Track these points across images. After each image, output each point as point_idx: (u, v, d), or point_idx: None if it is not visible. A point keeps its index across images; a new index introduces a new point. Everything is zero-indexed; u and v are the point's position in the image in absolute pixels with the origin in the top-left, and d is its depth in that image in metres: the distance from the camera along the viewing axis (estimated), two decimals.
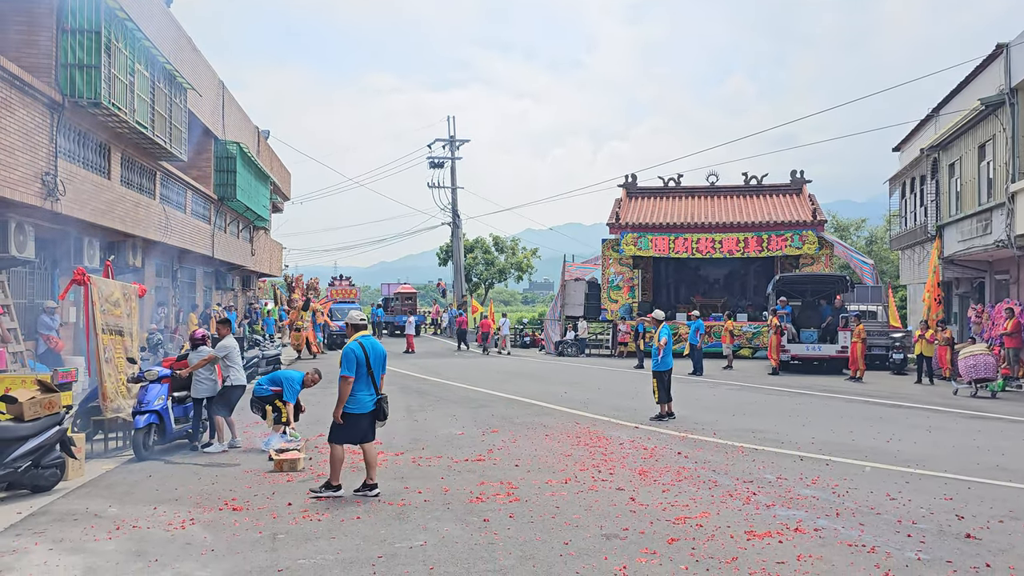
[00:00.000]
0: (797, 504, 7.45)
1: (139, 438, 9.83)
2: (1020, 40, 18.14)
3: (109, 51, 14.53)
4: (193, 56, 22.26)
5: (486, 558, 5.86)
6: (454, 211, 45.84)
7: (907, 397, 16.61)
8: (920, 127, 28.54)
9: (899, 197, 31.09)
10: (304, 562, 5.81)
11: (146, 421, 9.90)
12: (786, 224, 29.73)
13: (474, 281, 54.83)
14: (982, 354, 16.99)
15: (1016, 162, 18.50)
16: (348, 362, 7.75)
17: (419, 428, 12.28)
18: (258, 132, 32.22)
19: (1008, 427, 12.56)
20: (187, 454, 10.30)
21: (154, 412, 10.01)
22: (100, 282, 11.16)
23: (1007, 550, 6.03)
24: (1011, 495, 7.85)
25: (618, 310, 31.02)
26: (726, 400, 16.11)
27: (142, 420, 9.87)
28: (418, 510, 7.25)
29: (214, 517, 7.10)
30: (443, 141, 45.53)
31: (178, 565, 5.78)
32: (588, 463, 9.41)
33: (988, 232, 19.94)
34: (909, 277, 30.23)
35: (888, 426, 12.45)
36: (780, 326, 22.52)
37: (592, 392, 17.24)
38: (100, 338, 10.61)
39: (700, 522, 6.79)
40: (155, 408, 10.01)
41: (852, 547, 6.09)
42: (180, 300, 24.60)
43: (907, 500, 7.59)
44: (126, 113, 15.38)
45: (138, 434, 9.83)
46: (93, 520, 7.03)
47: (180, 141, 19.22)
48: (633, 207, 33.12)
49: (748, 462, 9.54)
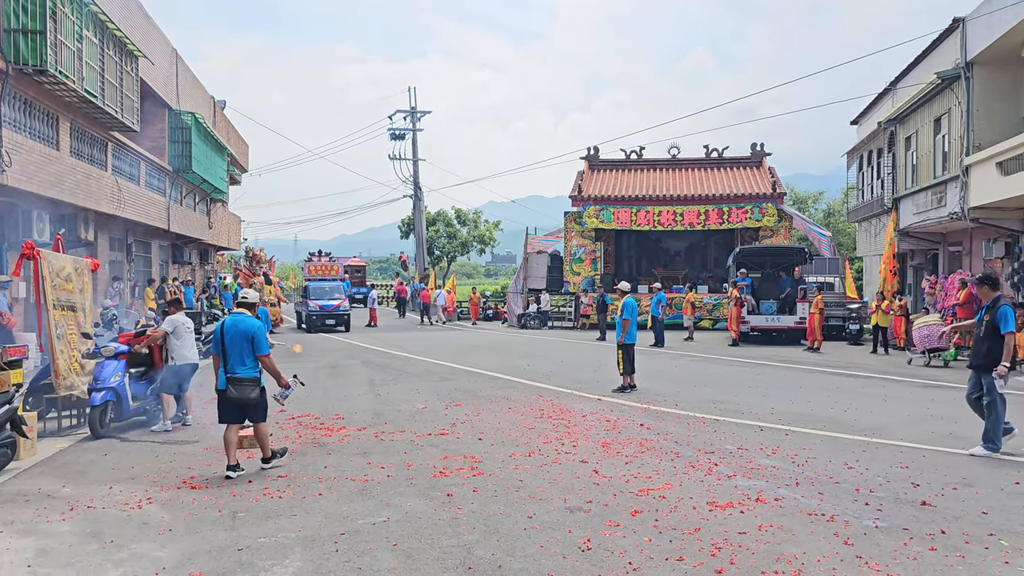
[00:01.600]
0: (758, 474, 7.53)
1: (95, 415, 9.67)
2: (976, 14, 18.35)
3: (55, 16, 14.02)
4: (145, 23, 21.61)
5: (450, 533, 5.83)
6: (416, 183, 45.46)
7: (863, 367, 16.92)
8: (877, 100, 28.87)
9: (856, 170, 31.50)
10: (265, 540, 5.72)
11: (103, 399, 9.73)
12: (746, 197, 29.97)
13: (436, 254, 54.54)
14: (935, 324, 17.35)
15: (971, 135, 18.80)
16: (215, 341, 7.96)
17: (382, 402, 12.20)
18: (214, 102, 31.49)
19: (960, 396, 12.75)
20: (144, 432, 10.11)
21: (111, 389, 9.84)
22: (51, 256, 10.82)
23: (961, 517, 6.16)
24: (964, 463, 8.03)
25: (580, 282, 31.10)
26: (687, 371, 16.26)
27: (99, 397, 9.69)
28: (381, 486, 7.19)
29: (172, 496, 6.97)
30: (404, 112, 45.02)
31: (134, 546, 5.66)
32: (551, 436, 9.42)
33: (943, 205, 20.30)
34: (866, 249, 30.74)
35: (845, 396, 12.67)
36: (740, 298, 22.76)
37: (555, 365, 17.28)
38: (52, 314, 10.31)
39: (663, 493, 6.84)
40: (111, 385, 9.85)
41: (812, 516, 6.18)
42: (135, 274, 24.09)
43: (864, 469, 7.72)
44: (74, 81, 14.89)
45: (94, 411, 9.67)
46: (46, 501, 6.86)
47: (132, 111, 18.69)
48: (595, 180, 33.11)
49: (710, 433, 9.63)
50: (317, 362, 18.04)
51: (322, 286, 30.27)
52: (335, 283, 31.75)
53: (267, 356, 7.85)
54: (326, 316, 28.59)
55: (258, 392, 7.82)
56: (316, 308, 28.69)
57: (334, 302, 29.00)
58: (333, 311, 28.73)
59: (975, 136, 18.73)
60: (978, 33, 18.25)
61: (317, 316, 28.67)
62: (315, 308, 28.71)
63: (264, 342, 7.87)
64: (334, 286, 30.67)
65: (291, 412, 11.19)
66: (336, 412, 11.27)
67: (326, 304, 28.75)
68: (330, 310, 28.69)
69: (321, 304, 28.72)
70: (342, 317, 28.94)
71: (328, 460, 8.25)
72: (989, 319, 8.48)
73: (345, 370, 16.54)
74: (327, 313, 28.62)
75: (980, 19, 18.08)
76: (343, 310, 29.04)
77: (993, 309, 8.48)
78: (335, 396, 12.89)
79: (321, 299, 29.06)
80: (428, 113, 45.50)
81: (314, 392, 13.27)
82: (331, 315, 28.69)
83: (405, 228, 53.91)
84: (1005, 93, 18.67)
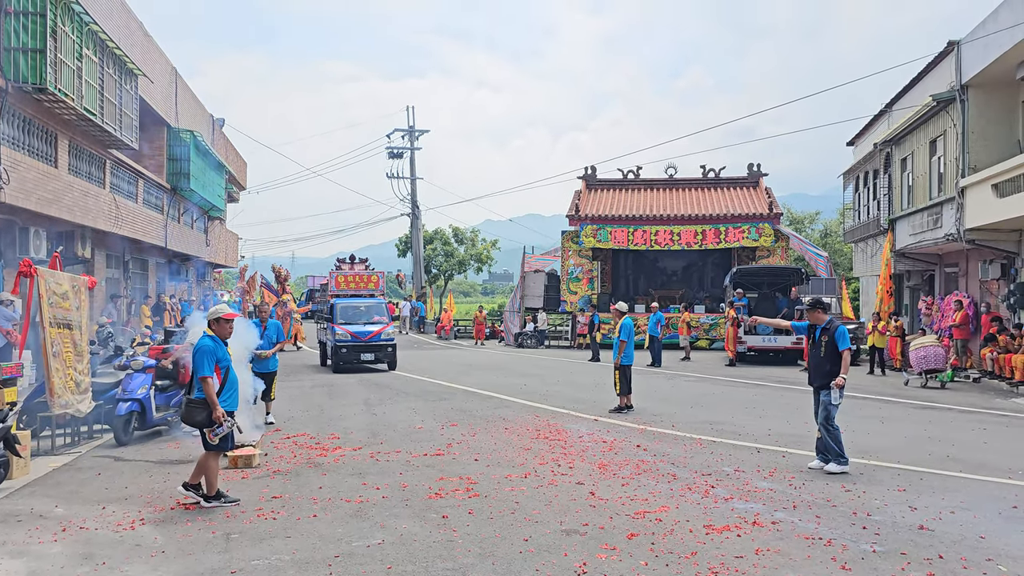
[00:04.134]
0: (755, 497, 7.50)
1: (119, 424, 10.29)
2: (971, 38, 18.49)
3: (55, 35, 14.08)
4: (145, 41, 21.71)
5: (445, 556, 5.78)
6: (413, 202, 45.55)
7: (860, 388, 16.89)
8: (874, 122, 29.02)
9: (853, 191, 31.60)
10: (258, 563, 5.67)
11: (128, 409, 10.35)
12: (743, 217, 30.05)
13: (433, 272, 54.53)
14: (932, 345, 17.35)
15: (966, 157, 18.89)
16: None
17: (378, 422, 12.15)
18: (212, 120, 31.59)
19: (958, 417, 12.84)
20: (138, 451, 10.05)
21: (136, 400, 10.44)
22: (48, 274, 10.79)
23: (959, 541, 6.13)
24: (961, 485, 8.01)
25: (577, 302, 31.10)
26: (684, 392, 16.23)
27: (124, 407, 10.33)
28: (376, 507, 7.15)
29: (165, 516, 6.92)
30: (402, 131, 45.18)
31: (127, 568, 5.61)
32: (548, 457, 9.38)
33: (939, 226, 20.35)
34: (862, 269, 30.78)
35: (842, 417, 12.52)
36: (737, 318, 22.76)
37: (551, 384, 17.24)
38: (47, 332, 10.27)
39: (659, 516, 6.80)
40: (138, 396, 10.46)
41: (809, 540, 6.14)
42: (132, 292, 24.05)
43: (862, 492, 7.70)
44: (73, 100, 14.93)
45: (119, 420, 10.29)
46: (38, 521, 6.81)
47: (131, 129, 18.73)
48: (592, 199, 33.18)
49: (706, 454, 9.60)
50: (313, 381, 17.98)
51: (355, 305, 21.52)
52: (374, 301, 22.31)
53: (205, 379, 7.29)
54: (361, 348, 20.03)
55: (205, 416, 7.28)
56: (346, 336, 20.00)
57: (372, 327, 20.45)
58: (371, 341, 20.16)
59: (970, 158, 18.81)
60: (973, 56, 18.38)
61: (349, 348, 19.91)
62: (345, 337, 20.01)
63: (202, 363, 7.32)
64: (373, 305, 21.75)
65: (287, 432, 11.16)
66: (332, 432, 11.23)
67: (361, 331, 20.24)
68: (367, 339, 20.11)
69: (354, 331, 20.13)
70: (384, 349, 20.34)
71: (323, 481, 8.21)
72: (828, 340, 8.87)
73: (341, 389, 16.49)
74: (363, 344, 20.05)
75: (975, 42, 18.21)
76: (386, 339, 20.51)
77: (830, 331, 8.90)
78: (331, 415, 12.84)
79: (354, 323, 20.57)
80: (426, 132, 45.68)
81: (310, 411, 13.23)
82: (369, 346, 20.12)
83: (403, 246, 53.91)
84: (1000, 115, 18.78)
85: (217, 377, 7.47)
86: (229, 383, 7.63)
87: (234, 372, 7.75)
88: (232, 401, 7.66)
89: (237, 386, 7.81)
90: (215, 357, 7.45)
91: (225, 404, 7.47)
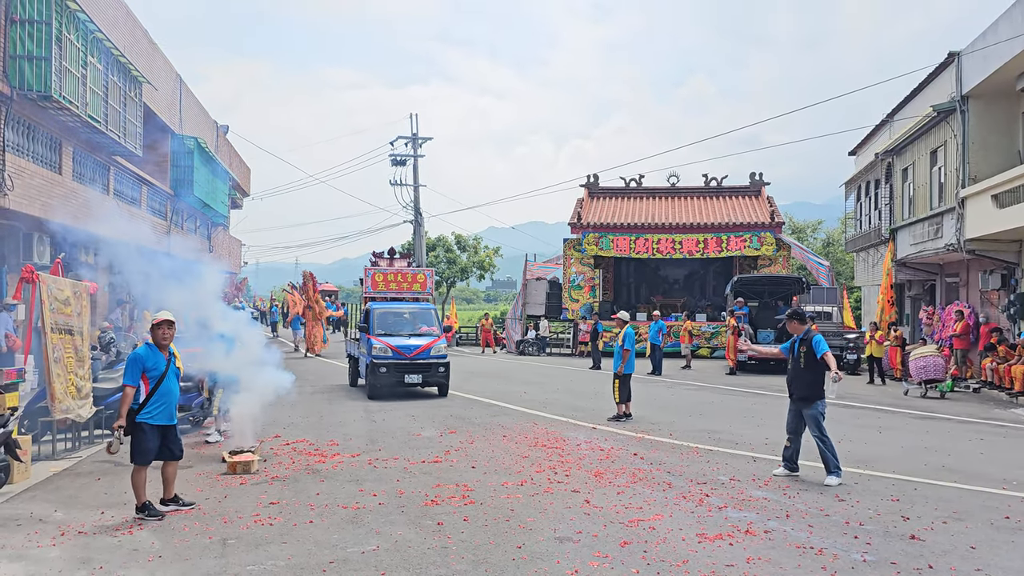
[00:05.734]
0: (749, 506, 7.54)
1: None
2: (971, 49, 18.56)
3: (60, 43, 14.21)
4: (149, 48, 21.85)
5: (438, 562, 5.84)
6: (416, 209, 45.64)
7: (859, 397, 16.91)
8: (875, 132, 29.08)
9: (854, 200, 31.66)
10: (254, 568, 5.73)
11: None
12: (745, 225, 30.10)
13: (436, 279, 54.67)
14: (932, 355, 17.37)
15: (966, 168, 18.94)
16: None
17: (377, 429, 12.21)
18: (217, 127, 31.75)
19: (956, 428, 12.86)
20: None
21: None
22: (50, 280, 10.89)
23: (949, 551, 6.17)
24: (955, 496, 8.04)
25: (579, 309, 31.15)
26: (683, 400, 16.26)
27: None
28: (372, 513, 7.20)
29: (163, 522, 6.98)
30: (405, 139, 45.28)
31: (124, 572, 5.67)
32: (544, 465, 9.43)
33: (939, 236, 20.39)
34: (864, 279, 30.81)
35: (839, 427, 12.64)
36: (738, 326, 22.79)
37: (551, 392, 17.28)
38: (49, 337, 10.36)
39: (653, 524, 6.84)
40: None
41: (800, 549, 6.19)
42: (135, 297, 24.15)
43: (856, 501, 7.73)
44: (78, 107, 15.05)
45: None
46: (37, 525, 6.87)
47: (135, 136, 18.86)
48: (595, 207, 33.27)
49: (703, 463, 9.64)
50: (314, 387, 18.04)
51: (397, 312, 17.38)
52: (421, 307, 18.02)
53: (126, 388, 7.14)
54: (406, 367, 15.81)
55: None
56: (386, 352, 15.74)
57: (419, 340, 16.29)
58: (418, 358, 15.94)
59: (971, 169, 18.87)
60: (973, 67, 18.45)
61: (389, 367, 15.67)
62: (383, 352, 15.74)
63: (127, 371, 7.18)
64: (419, 312, 17.63)
65: (286, 439, 11.22)
66: (331, 438, 11.28)
67: (405, 344, 16.01)
68: (412, 356, 15.88)
69: (396, 345, 15.90)
70: (435, 370, 16.10)
71: (320, 487, 8.26)
72: (806, 351, 8.87)
73: (341, 395, 16.54)
74: (407, 362, 15.84)
75: (975, 53, 18.29)
76: (436, 356, 16.18)
77: (807, 341, 8.90)
78: (330, 422, 12.90)
79: (396, 335, 16.40)
80: (429, 140, 45.80)
81: (309, 418, 13.29)
82: (415, 366, 15.90)
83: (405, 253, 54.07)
84: (1000, 126, 18.84)
85: (145, 387, 7.18)
86: (158, 395, 7.24)
87: (167, 384, 7.32)
88: (162, 415, 7.26)
89: (171, 399, 7.36)
90: (143, 367, 7.17)
91: (154, 418, 7.18)
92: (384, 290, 19.43)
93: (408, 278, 19.80)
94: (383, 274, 19.75)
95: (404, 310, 17.59)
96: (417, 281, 19.81)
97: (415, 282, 19.80)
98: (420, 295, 19.52)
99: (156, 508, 7.19)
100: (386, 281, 19.60)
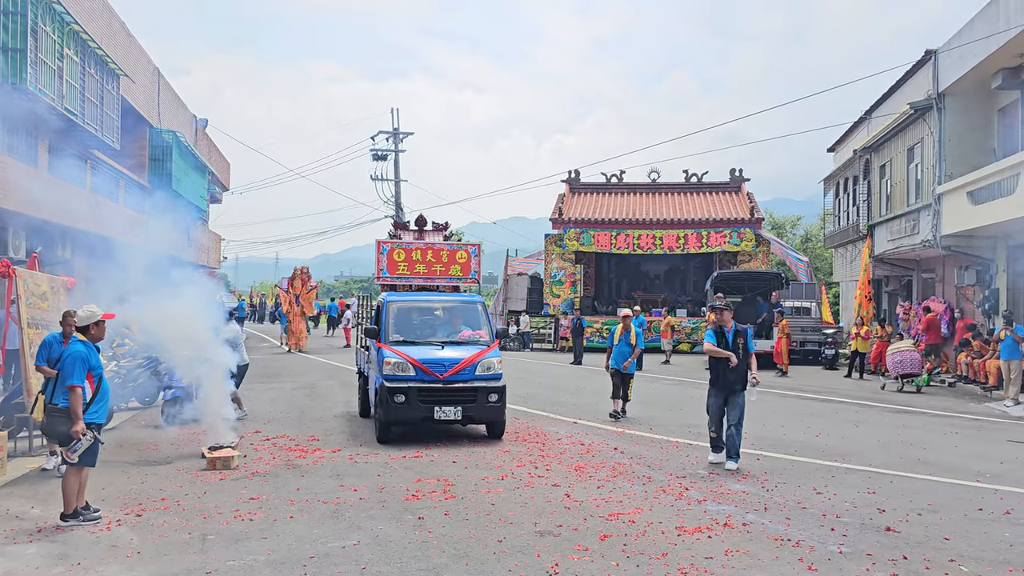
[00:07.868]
0: (727, 499, 7.61)
1: (166, 408, 11.92)
2: (948, 47, 18.75)
3: (35, 34, 14.03)
4: (127, 41, 21.63)
5: (419, 557, 5.85)
6: (397, 204, 45.53)
7: (837, 392, 17.10)
8: (853, 129, 29.32)
9: (833, 196, 31.92)
10: (234, 563, 5.72)
11: (172, 395, 11.88)
12: (725, 221, 30.26)
13: None
14: (908, 350, 17.57)
15: (943, 165, 19.14)
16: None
17: (357, 424, 12.19)
18: (195, 121, 31.47)
19: (931, 421, 13.03)
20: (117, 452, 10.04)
21: (181, 388, 11.72)
22: (26, 275, 10.78)
23: (924, 542, 6.26)
24: (930, 488, 8.16)
25: (560, 305, 31.21)
26: (664, 395, 16.36)
27: (169, 394, 11.98)
28: (353, 508, 7.20)
29: (142, 518, 6.94)
30: (386, 133, 45.12)
31: (102, 568, 5.64)
32: (525, 459, 9.47)
33: (916, 232, 20.61)
34: (842, 274, 31.07)
35: (818, 421, 12.80)
36: None
37: (532, 387, 17.31)
38: (26, 332, 10.25)
39: (633, 518, 6.89)
40: (182, 385, 11.69)
41: (778, 541, 6.26)
42: None
43: (833, 494, 7.82)
44: (54, 100, 14.88)
45: (165, 405, 11.98)
46: (14, 522, 6.81)
47: (112, 129, 18.68)
48: (576, 202, 33.31)
49: (683, 457, 9.71)
50: (295, 382, 17.97)
51: (425, 308, 12.20)
52: (462, 300, 12.35)
53: (73, 388, 6.69)
54: (437, 394, 10.63)
55: (68, 428, 6.71)
56: (406, 370, 10.61)
57: (461, 352, 11.03)
58: (455, 378, 10.70)
59: (947, 166, 19.07)
60: (950, 65, 18.64)
61: (411, 394, 10.49)
62: (402, 370, 10.61)
63: (73, 370, 6.72)
64: (460, 307, 12.21)
65: (266, 434, 11.17)
66: (311, 433, 11.25)
67: (434, 359, 10.79)
68: (446, 375, 10.67)
69: (421, 359, 10.69)
70: (483, 396, 10.72)
71: (301, 482, 8.25)
72: (743, 343, 9.13)
73: (322, 391, 16.49)
74: (440, 385, 10.66)
75: (951, 51, 18.47)
76: (484, 376, 10.81)
77: (743, 334, 9.18)
78: (311, 417, 12.86)
79: (421, 343, 11.25)
80: (411, 134, 45.65)
81: (290, 413, 13.24)
82: (451, 391, 10.66)
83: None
84: (976, 124, 19.05)
85: (90, 386, 6.89)
86: (101, 393, 7.02)
87: (106, 382, 7.14)
88: (101, 413, 7.09)
89: (108, 397, 7.22)
90: (87, 364, 6.83)
91: (93, 416, 6.93)
92: (407, 275, 13.06)
93: (443, 257, 13.23)
94: (406, 251, 13.15)
95: (436, 304, 12.28)
96: (457, 261, 13.22)
97: (454, 262, 13.22)
98: (462, 282, 13.20)
99: (91, 507, 6.90)
100: (410, 262, 13.10)
